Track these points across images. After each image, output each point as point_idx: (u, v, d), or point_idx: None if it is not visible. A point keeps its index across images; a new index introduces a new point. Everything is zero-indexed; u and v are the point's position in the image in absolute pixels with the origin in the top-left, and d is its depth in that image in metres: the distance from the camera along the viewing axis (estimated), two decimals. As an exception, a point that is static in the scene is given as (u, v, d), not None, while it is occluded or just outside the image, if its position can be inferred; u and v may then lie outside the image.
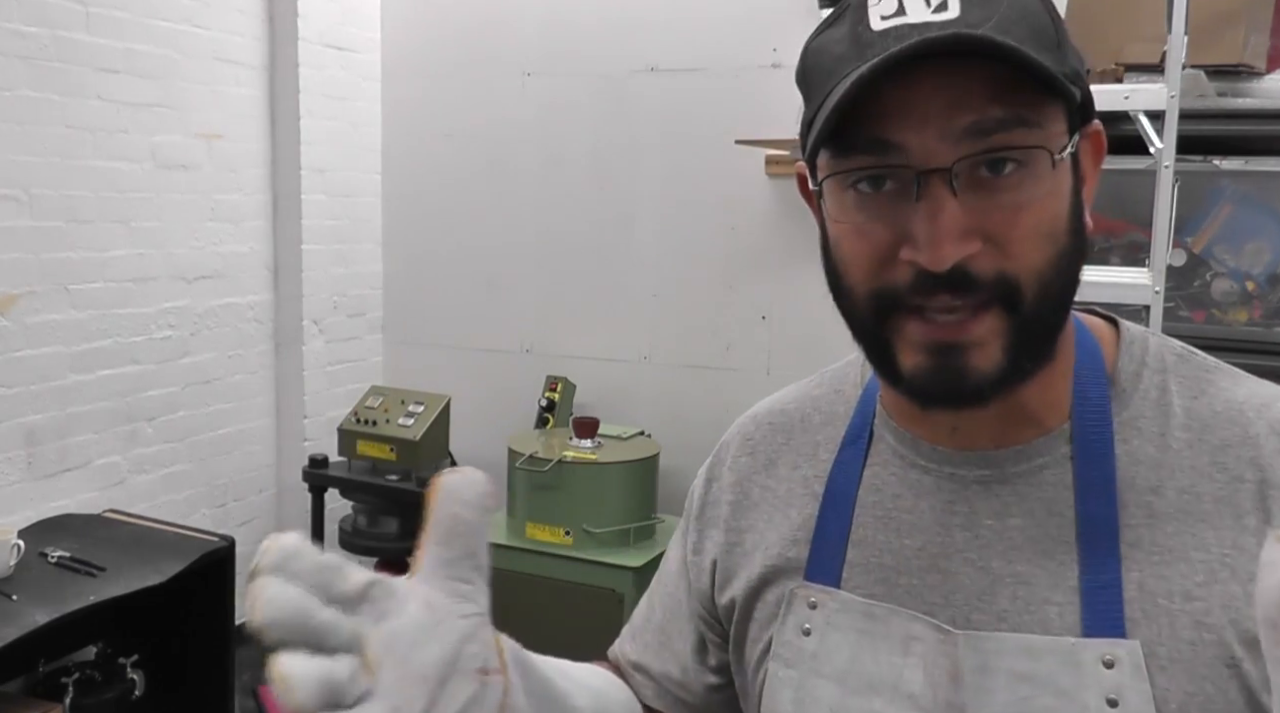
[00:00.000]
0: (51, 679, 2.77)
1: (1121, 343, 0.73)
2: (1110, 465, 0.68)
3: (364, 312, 3.95)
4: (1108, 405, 0.70)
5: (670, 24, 3.46)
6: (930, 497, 0.73)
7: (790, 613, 0.76)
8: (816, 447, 0.81)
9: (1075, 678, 0.65)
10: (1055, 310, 0.66)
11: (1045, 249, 0.63)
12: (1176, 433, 0.69)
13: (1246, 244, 2.59)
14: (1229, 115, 2.56)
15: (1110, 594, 0.65)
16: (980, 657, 0.68)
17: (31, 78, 2.84)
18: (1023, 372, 0.65)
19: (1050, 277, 0.64)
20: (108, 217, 3.08)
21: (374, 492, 3.41)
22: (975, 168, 0.62)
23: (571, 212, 3.68)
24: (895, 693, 0.70)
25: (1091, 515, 0.67)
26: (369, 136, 3.89)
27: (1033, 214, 0.63)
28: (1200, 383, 0.71)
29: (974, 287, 0.62)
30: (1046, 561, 0.68)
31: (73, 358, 3.01)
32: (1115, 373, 0.72)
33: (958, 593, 0.70)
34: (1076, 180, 0.66)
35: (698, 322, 3.52)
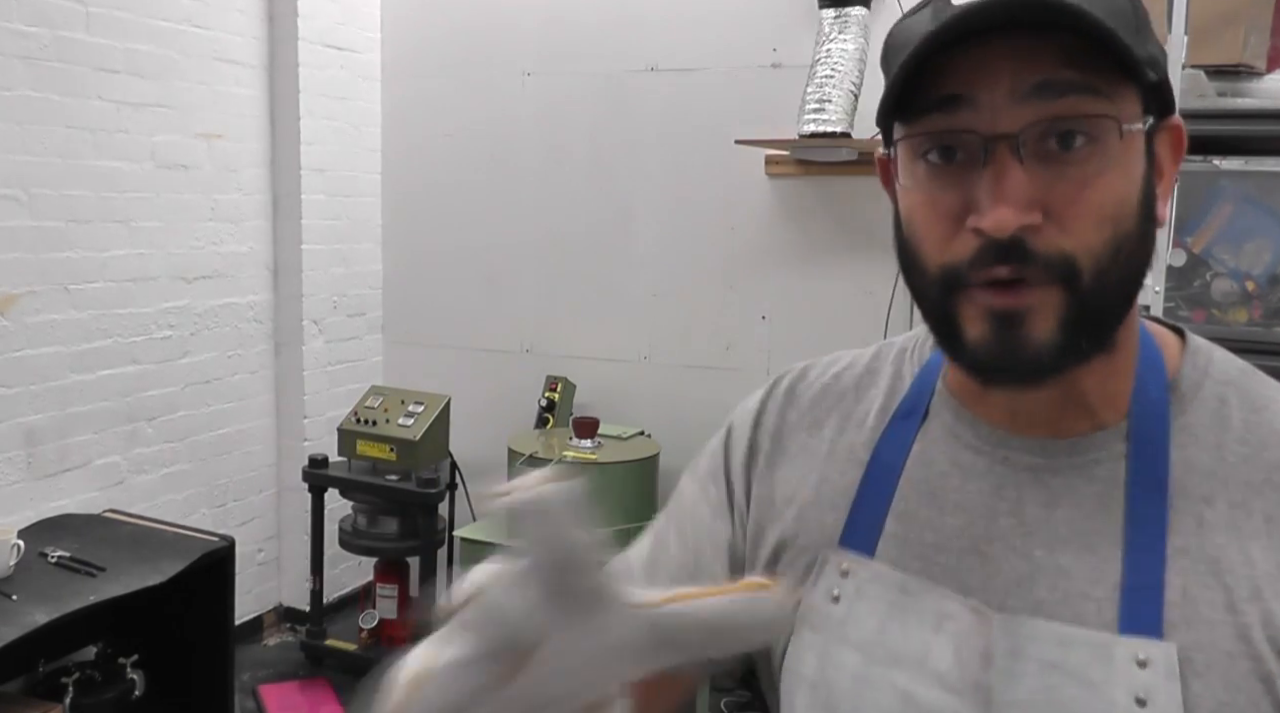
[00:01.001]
0: (51, 679, 2.77)
1: (1186, 351, 0.73)
2: (1165, 468, 0.67)
3: (364, 312, 3.95)
4: (1167, 408, 0.69)
5: (670, 24, 3.46)
6: (980, 479, 0.72)
7: (821, 578, 0.76)
8: (866, 415, 0.80)
9: (1106, 673, 0.64)
10: (1115, 295, 0.65)
11: (1105, 230, 0.63)
12: (1233, 445, 0.68)
13: (1246, 244, 2.59)
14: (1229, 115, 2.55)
15: (1151, 595, 0.65)
16: (1014, 641, 0.67)
17: (31, 78, 2.84)
18: (1080, 352, 0.65)
19: (1107, 260, 0.63)
20: (108, 217, 3.08)
21: (374, 492, 3.41)
22: (1043, 139, 0.62)
23: (571, 211, 3.68)
24: (920, 668, 0.70)
25: (1140, 516, 0.67)
26: (369, 136, 3.89)
27: (1097, 191, 0.63)
28: (1262, 399, 0.70)
29: (1031, 261, 0.63)
30: (1089, 555, 0.67)
31: (73, 358, 3.01)
32: (1177, 378, 0.71)
33: (997, 578, 0.70)
34: (1150, 168, 0.66)
35: (698, 322, 3.52)
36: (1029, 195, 0.62)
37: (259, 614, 3.75)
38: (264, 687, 3.38)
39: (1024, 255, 0.62)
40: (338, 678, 3.46)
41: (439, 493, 3.36)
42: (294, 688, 3.40)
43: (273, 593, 3.82)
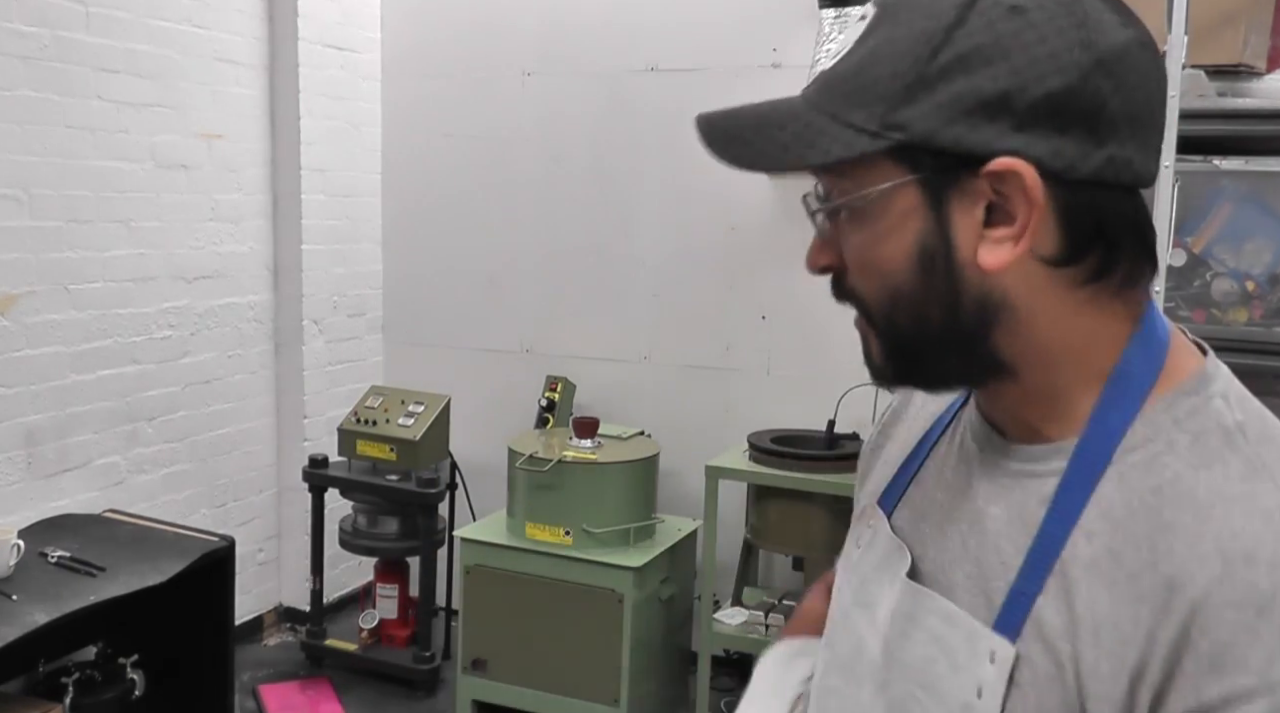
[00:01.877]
0: (51, 679, 2.77)
1: (1180, 389, 0.70)
2: (1085, 496, 0.69)
3: (364, 312, 3.95)
4: (1118, 437, 0.69)
5: (670, 24, 3.46)
6: (967, 464, 0.79)
7: (859, 525, 0.87)
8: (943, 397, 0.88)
9: (969, 659, 0.70)
10: (912, 335, 0.72)
11: (874, 282, 0.72)
12: (1146, 496, 0.67)
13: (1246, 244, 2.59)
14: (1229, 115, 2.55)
15: (1024, 603, 0.69)
16: (914, 606, 0.76)
17: (31, 78, 2.84)
18: (916, 375, 0.75)
19: (887, 306, 0.72)
20: (108, 217, 3.08)
21: (374, 492, 3.41)
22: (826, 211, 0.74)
23: (571, 212, 3.68)
24: (872, 617, 0.80)
25: (1048, 534, 0.70)
26: (369, 136, 3.89)
27: (854, 252, 0.72)
28: (1215, 460, 0.67)
29: (843, 295, 0.75)
30: (996, 556, 0.73)
31: (73, 358, 3.01)
32: (1148, 412, 0.70)
33: (942, 554, 0.77)
34: (938, 222, 0.68)
35: (698, 322, 3.52)
36: (822, 250, 0.75)
37: (259, 614, 3.75)
38: (264, 687, 3.38)
39: (838, 288, 0.75)
40: (338, 678, 3.46)
41: (439, 493, 3.36)
42: (294, 688, 3.40)
43: (273, 593, 3.82)
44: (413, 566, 3.54)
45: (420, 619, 3.41)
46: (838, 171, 0.70)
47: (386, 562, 3.55)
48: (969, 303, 0.69)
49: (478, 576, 3.13)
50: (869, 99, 0.67)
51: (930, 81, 0.66)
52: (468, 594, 3.15)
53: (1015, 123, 0.65)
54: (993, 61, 0.65)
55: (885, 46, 0.68)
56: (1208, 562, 0.62)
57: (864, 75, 0.68)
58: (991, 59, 0.65)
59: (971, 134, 0.66)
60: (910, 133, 0.66)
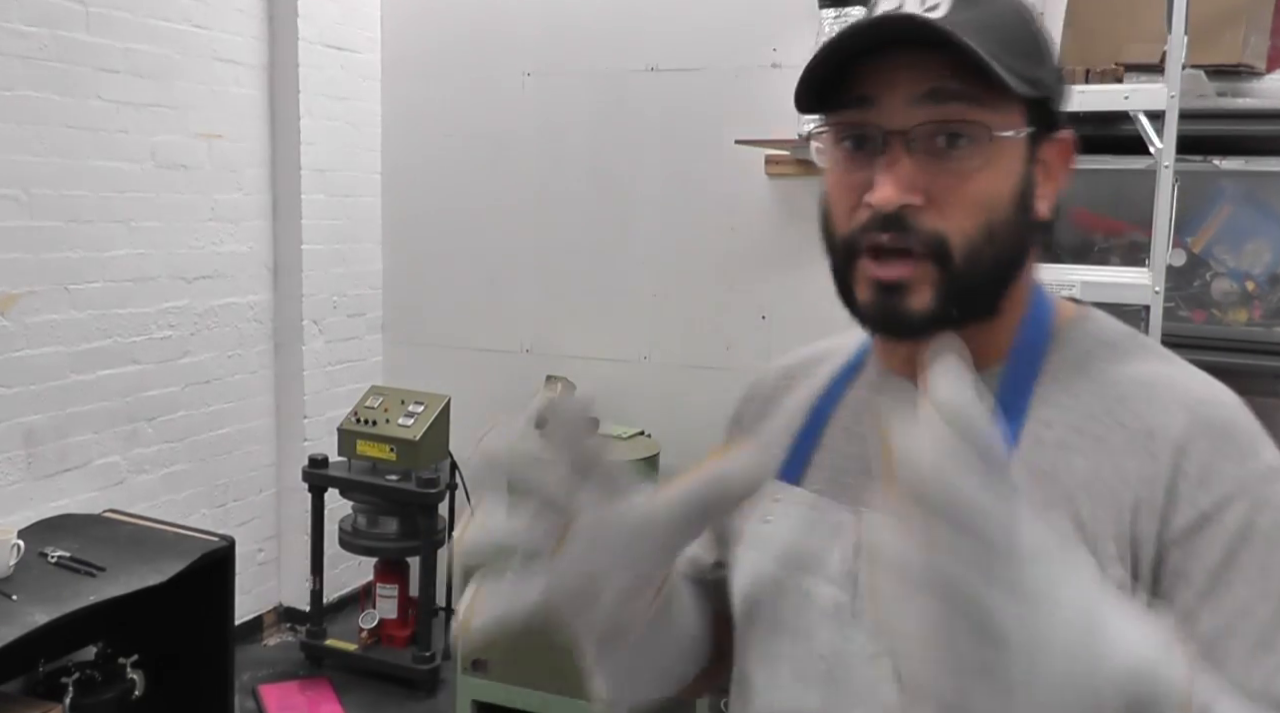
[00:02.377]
0: (51, 679, 2.77)
1: (1076, 316, 0.86)
2: (1025, 400, 0.81)
3: (364, 312, 3.95)
4: (1040, 352, 0.83)
5: (670, 24, 3.46)
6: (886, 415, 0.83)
7: (759, 505, 0.90)
8: (824, 377, 0.96)
9: None
10: (987, 272, 0.78)
11: (977, 217, 0.76)
12: (1084, 385, 0.81)
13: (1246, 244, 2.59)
14: (1229, 115, 2.56)
15: None
16: None
17: (31, 78, 2.84)
18: (950, 320, 0.79)
19: (979, 242, 0.77)
20: (108, 217, 3.08)
21: (374, 492, 3.41)
22: (932, 137, 0.76)
23: (571, 211, 3.68)
24: (820, 571, 0.85)
25: None
26: (369, 136, 3.89)
27: (972, 184, 0.76)
28: (1130, 356, 0.83)
29: (911, 233, 0.76)
30: None
31: (73, 358, 3.01)
32: (1056, 334, 0.84)
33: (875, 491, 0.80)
34: (1030, 171, 0.79)
35: (698, 322, 3.52)
36: (913, 181, 0.76)
37: (259, 614, 3.75)
38: (264, 687, 3.38)
39: (905, 227, 0.76)
40: (338, 678, 3.46)
41: (439, 493, 3.36)
42: (294, 688, 3.40)
43: (273, 593, 3.82)
44: (413, 565, 3.54)
45: (420, 619, 3.42)
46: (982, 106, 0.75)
47: (386, 562, 3.55)
48: (1029, 245, 0.82)
49: (478, 576, 3.12)
50: (1016, 52, 0.75)
51: (1044, 53, 0.79)
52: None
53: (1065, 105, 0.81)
54: (1055, 55, 0.80)
55: (997, 16, 0.76)
56: (1174, 411, 0.77)
57: (1005, 32, 0.75)
58: (1055, 53, 0.80)
59: (1061, 104, 0.81)
60: (1044, 91, 0.78)
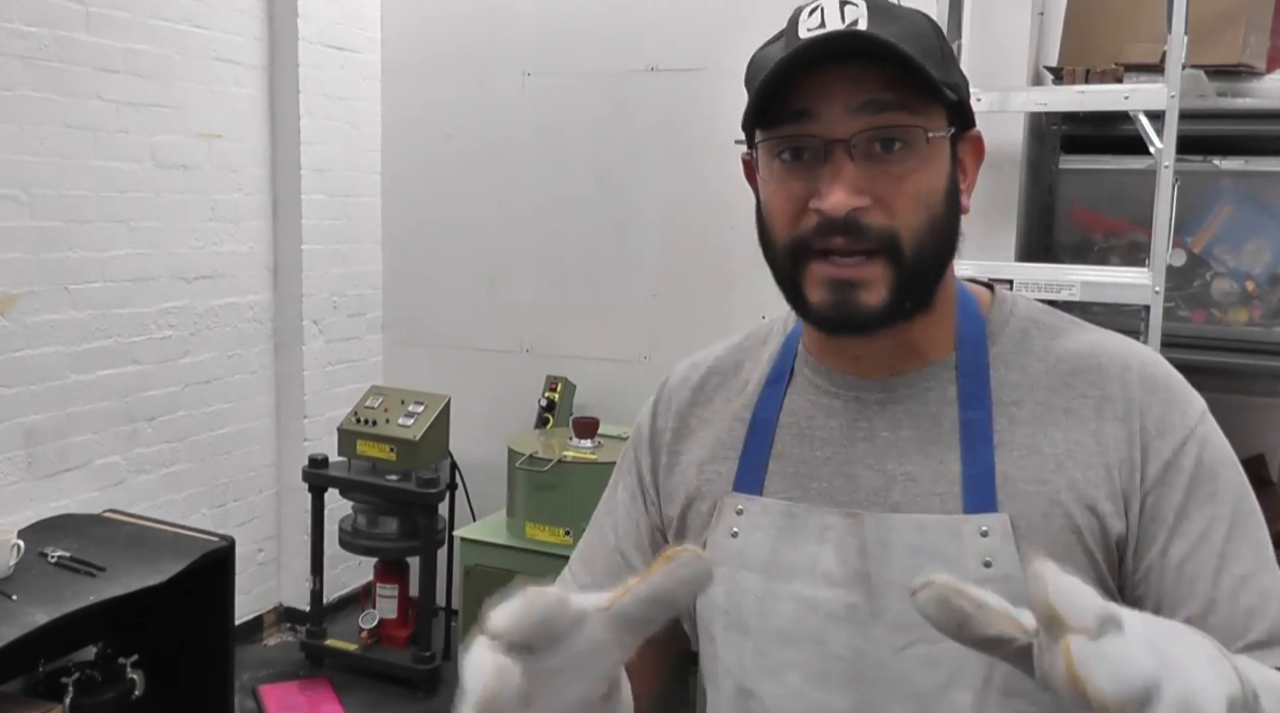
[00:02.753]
0: (51, 679, 2.77)
1: (995, 300, 0.92)
2: (986, 384, 0.86)
3: (364, 312, 3.95)
4: (984, 341, 0.89)
5: (670, 24, 3.46)
6: (839, 416, 0.90)
7: (720, 519, 0.91)
8: (746, 384, 0.97)
9: (957, 547, 0.81)
10: (931, 263, 0.83)
11: (920, 213, 0.81)
12: (1034, 364, 0.87)
13: (1246, 244, 2.59)
14: (1229, 115, 2.56)
15: (985, 480, 0.83)
16: (881, 533, 0.84)
17: (31, 78, 2.84)
18: (905, 311, 0.83)
19: (925, 235, 0.81)
20: (108, 217, 3.08)
21: (374, 492, 3.41)
22: (870, 143, 0.80)
23: (571, 211, 3.68)
24: (812, 574, 0.85)
25: (971, 421, 0.85)
26: (369, 136, 3.89)
27: (912, 183, 0.81)
28: (1057, 331, 0.90)
29: (864, 234, 0.80)
30: (930, 461, 0.85)
31: (73, 358, 3.01)
32: (988, 319, 0.90)
33: (860, 491, 0.86)
34: (954, 168, 0.85)
35: (698, 322, 3.52)
36: (858, 185, 0.80)
37: (259, 614, 3.75)
38: (264, 687, 3.38)
39: (858, 229, 0.80)
40: (338, 678, 3.46)
41: (439, 493, 3.36)
42: (294, 688, 3.40)
43: (273, 593, 3.82)
44: (413, 565, 3.54)
45: (420, 619, 3.41)
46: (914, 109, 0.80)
47: (386, 562, 3.55)
48: (956, 239, 0.86)
49: (477, 576, 3.13)
50: (933, 59, 0.81)
51: (949, 62, 0.85)
52: (468, 594, 3.15)
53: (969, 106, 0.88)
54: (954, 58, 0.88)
55: (913, 27, 0.82)
56: (1125, 377, 0.85)
57: (922, 42, 0.81)
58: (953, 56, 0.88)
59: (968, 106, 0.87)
60: (960, 95, 0.85)
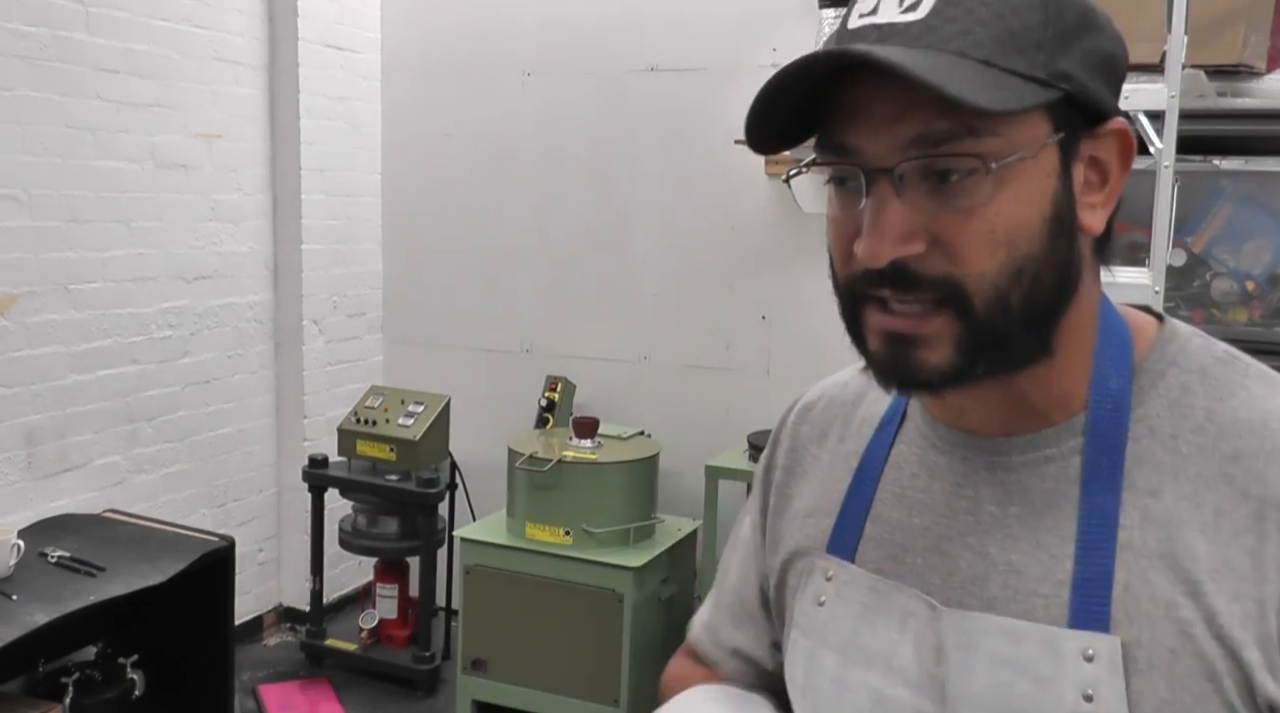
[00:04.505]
0: (51, 679, 2.77)
1: (1159, 339, 0.72)
2: (1120, 459, 0.67)
3: (364, 312, 3.95)
4: (1127, 399, 0.69)
5: (670, 24, 3.46)
6: (943, 478, 0.74)
7: (810, 583, 0.79)
8: (862, 423, 0.83)
9: (1055, 668, 0.65)
10: (1019, 316, 0.65)
11: (998, 256, 0.63)
12: (1189, 436, 0.67)
13: (1246, 244, 2.59)
14: (1229, 115, 2.55)
15: (1099, 589, 0.65)
16: (964, 635, 0.69)
17: (31, 78, 2.84)
18: (974, 374, 0.66)
19: (1005, 283, 0.63)
20: (108, 217, 3.08)
21: (374, 492, 3.41)
22: (926, 170, 0.63)
23: (571, 211, 3.68)
24: (889, 667, 0.72)
25: (1092, 510, 0.67)
26: (369, 136, 3.89)
27: (983, 220, 0.63)
28: (1232, 386, 0.68)
29: (916, 285, 0.64)
30: (1039, 552, 0.68)
31: (73, 358, 3.01)
32: (1142, 367, 0.70)
33: (955, 575, 0.71)
34: (1065, 184, 0.65)
35: (698, 322, 3.52)
36: (906, 227, 0.63)
37: (259, 614, 3.75)
38: (264, 687, 3.38)
39: (909, 280, 0.64)
40: (338, 678, 3.46)
41: (439, 493, 3.36)
42: (294, 688, 3.40)
43: (273, 593, 3.82)
44: (413, 565, 3.54)
45: (420, 619, 3.41)
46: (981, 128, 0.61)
47: (386, 562, 3.55)
48: (1074, 274, 0.66)
49: (478, 576, 3.13)
50: (1025, 45, 0.62)
51: (1071, 34, 0.64)
52: (468, 594, 3.15)
53: (1118, 86, 0.67)
54: (1102, 24, 0.66)
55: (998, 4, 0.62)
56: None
57: (1008, 21, 0.62)
58: (1101, 22, 0.66)
59: (1104, 91, 0.66)
60: (1073, 84, 0.63)
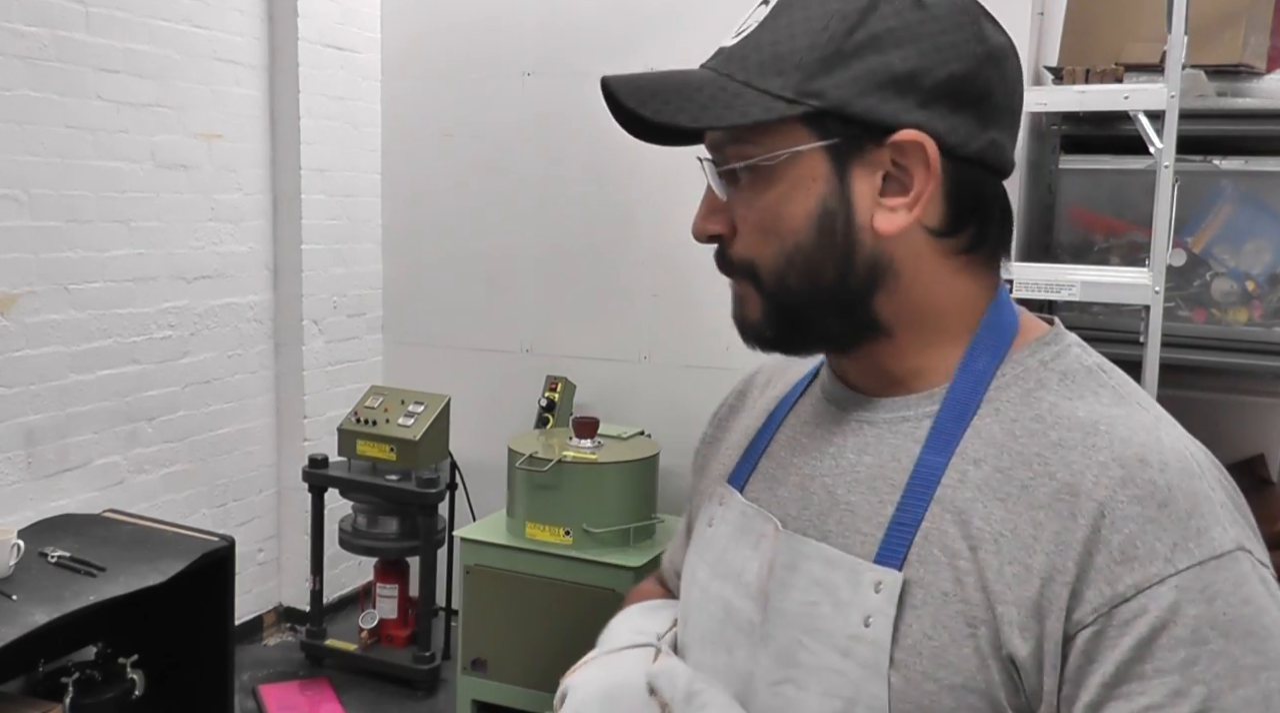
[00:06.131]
0: (51, 679, 2.77)
1: (1039, 340, 0.80)
2: (961, 428, 0.76)
3: (364, 312, 3.95)
4: (986, 381, 0.77)
5: (670, 24, 3.46)
6: (825, 426, 0.85)
7: (708, 507, 0.91)
8: (790, 376, 0.94)
9: (852, 594, 0.74)
10: (804, 296, 0.76)
11: (770, 243, 0.76)
12: (1027, 422, 0.74)
13: (1246, 244, 2.59)
14: (1229, 115, 2.56)
15: (905, 532, 0.73)
16: (793, 556, 0.79)
17: (31, 78, 2.84)
18: (789, 338, 0.80)
19: (780, 267, 0.76)
20: (108, 217, 3.08)
21: (374, 492, 3.41)
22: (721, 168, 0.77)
23: (571, 211, 3.68)
24: (739, 581, 0.83)
25: (925, 464, 0.75)
26: (369, 136, 3.89)
27: (757, 212, 0.76)
28: (1084, 391, 0.76)
29: (728, 264, 0.79)
30: (872, 496, 0.77)
31: (73, 358, 3.01)
32: (1012, 357, 0.78)
33: (808, 509, 0.81)
34: (840, 187, 0.74)
35: (698, 322, 3.52)
36: (718, 210, 0.78)
37: (259, 614, 3.75)
38: (264, 687, 3.38)
39: (721, 254, 0.80)
40: (338, 678, 3.46)
41: (439, 493, 3.37)
42: (294, 688, 3.40)
43: (273, 593, 3.82)
44: (413, 566, 3.54)
45: (420, 619, 3.41)
46: (745, 137, 0.75)
47: (386, 562, 3.55)
48: (860, 266, 0.75)
49: (477, 575, 3.13)
50: (785, 68, 0.73)
51: (846, 56, 0.73)
52: (468, 594, 3.15)
53: (920, 100, 0.73)
54: (902, 44, 0.73)
55: (800, 24, 0.73)
56: (1108, 468, 0.69)
57: (779, 48, 0.73)
58: (901, 42, 0.73)
59: (882, 106, 0.73)
60: (825, 100, 0.73)
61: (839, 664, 0.73)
